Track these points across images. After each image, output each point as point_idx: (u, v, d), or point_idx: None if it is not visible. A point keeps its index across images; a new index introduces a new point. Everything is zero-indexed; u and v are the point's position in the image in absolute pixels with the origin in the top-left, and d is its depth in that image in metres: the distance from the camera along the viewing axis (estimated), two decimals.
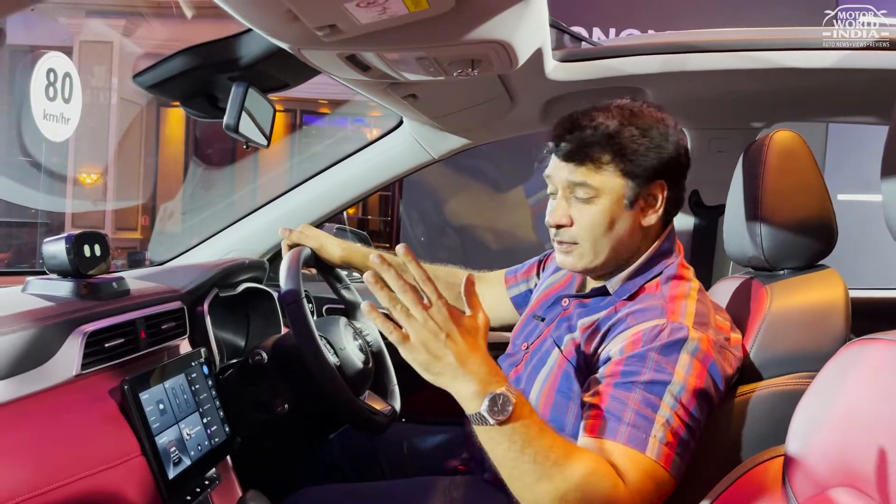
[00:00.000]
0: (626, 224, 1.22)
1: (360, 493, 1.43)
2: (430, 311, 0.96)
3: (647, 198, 1.22)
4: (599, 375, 1.13)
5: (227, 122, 1.24)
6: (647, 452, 1.02)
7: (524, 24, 1.12)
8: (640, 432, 1.04)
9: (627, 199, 1.20)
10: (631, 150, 1.18)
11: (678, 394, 1.06)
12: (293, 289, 1.37)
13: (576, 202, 1.21)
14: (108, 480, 1.04)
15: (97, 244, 1.23)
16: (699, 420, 1.09)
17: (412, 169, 1.99)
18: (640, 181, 1.20)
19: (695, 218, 1.97)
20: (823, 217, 1.31)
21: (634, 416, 1.05)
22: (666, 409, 1.05)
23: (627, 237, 1.23)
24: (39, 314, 1.08)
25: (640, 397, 1.06)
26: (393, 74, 1.27)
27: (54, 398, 1.04)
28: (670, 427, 1.04)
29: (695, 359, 1.09)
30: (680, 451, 1.05)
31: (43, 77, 5.69)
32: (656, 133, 1.20)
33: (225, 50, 1.22)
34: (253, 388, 1.45)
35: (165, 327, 1.34)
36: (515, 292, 1.65)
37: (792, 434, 0.96)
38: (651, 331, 1.12)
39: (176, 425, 1.22)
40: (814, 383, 0.96)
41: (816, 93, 1.65)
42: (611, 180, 1.19)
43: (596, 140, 1.18)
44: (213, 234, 2.01)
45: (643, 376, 1.07)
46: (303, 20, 0.94)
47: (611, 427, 1.05)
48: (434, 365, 0.95)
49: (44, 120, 5.73)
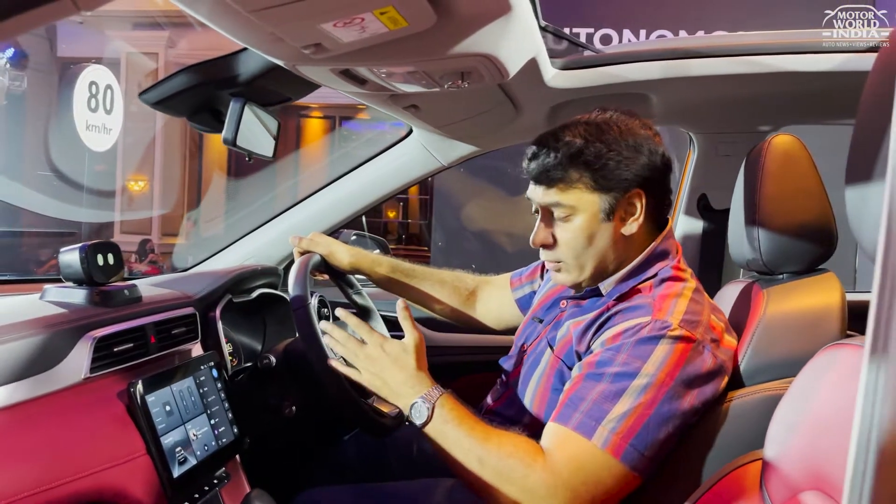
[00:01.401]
0: (606, 236, 1.24)
1: (365, 494, 1.46)
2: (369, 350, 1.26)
3: (627, 207, 1.24)
4: (577, 366, 1.17)
5: (225, 136, 1.30)
6: (594, 440, 1.05)
7: (509, 36, 1.15)
8: (591, 420, 1.07)
9: (604, 212, 1.22)
10: (599, 166, 1.20)
11: (644, 387, 1.08)
12: (300, 295, 1.41)
13: (556, 221, 1.25)
14: (113, 478, 1.10)
15: (110, 254, 1.29)
16: (670, 416, 1.09)
17: (423, 176, 2.03)
18: (614, 193, 1.22)
19: (703, 221, 1.97)
20: (822, 221, 1.30)
21: (590, 406, 1.08)
22: (626, 401, 1.07)
23: (610, 248, 1.25)
24: (51, 321, 1.14)
25: (603, 388, 1.09)
26: (388, 86, 1.31)
27: (64, 400, 1.10)
28: (627, 418, 1.06)
29: (671, 355, 1.10)
30: (636, 443, 1.06)
31: (85, 89, 5.90)
32: (624, 145, 1.22)
33: (225, 67, 1.28)
34: (262, 390, 1.50)
35: (176, 332, 1.39)
36: (520, 294, 1.68)
37: (769, 438, 0.97)
38: (634, 327, 1.14)
39: (182, 426, 1.27)
40: (791, 388, 0.97)
41: (822, 95, 1.64)
42: (583, 197, 1.22)
43: (560, 161, 1.21)
44: (232, 241, 2.08)
45: (612, 368, 1.10)
46: (287, 41, 0.99)
47: (566, 413, 1.10)
48: (380, 389, 1.25)
49: (86, 130, 5.94)
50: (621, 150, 1.21)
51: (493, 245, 5.22)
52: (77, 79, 5.66)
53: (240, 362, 1.80)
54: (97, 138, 5.92)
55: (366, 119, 11.94)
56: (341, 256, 1.63)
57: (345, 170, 2.05)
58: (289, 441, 1.62)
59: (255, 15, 0.88)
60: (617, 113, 1.27)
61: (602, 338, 1.17)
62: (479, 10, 1.03)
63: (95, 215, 9.14)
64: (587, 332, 1.22)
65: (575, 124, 1.25)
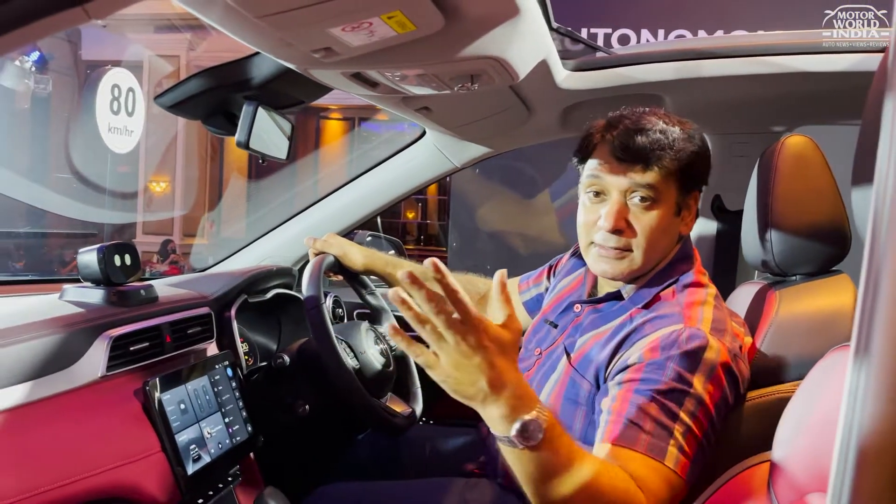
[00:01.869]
0: (672, 232, 1.24)
1: (377, 492, 1.48)
2: (463, 333, 0.85)
3: (687, 206, 1.24)
4: (618, 382, 1.13)
5: (238, 139, 1.32)
6: (666, 461, 1.02)
7: (518, 39, 1.16)
8: (660, 441, 1.03)
9: (678, 207, 1.22)
10: (686, 157, 1.19)
11: (697, 402, 1.06)
12: (313, 295, 1.43)
13: (632, 207, 1.20)
14: (129, 474, 1.12)
15: (127, 254, 1.32)
16: (716, 427, 1.09)
17: (436, 177, 2.05)
18: (686, 189, 1.22)
19: (717, 223, 1.96)
20: (836, 222, 1.29)
21: (654, 426, 1.04)
22: (685, 418, 1.05)
23: (669, 246, 1.25)
24: (69, 320, 1.17)
25: (659, 406, 1.05)
26: (399, 89, 1.32)
27: (81, 398, 1.13)
28: (688, 436, 1.04)
29: (713, 367, 1.09)
30: (695, 458, 1.05)
31: (108, 92, 5.99)
32: (698, 140, 1.23)
33: (239, 71, 1.30)
34: (276, 389, 1.52)
35: (192, 332, 1.42)
36: (527, 297, 1.68)
37: (777, 440, 0.97)
38: (669, 336, 1.11)
39: (196, 424, 1.30)
40: (799, 389, 0.97)
41: (837, 95, 1.63)
42: (669, 186, 1.20)
43: (666, 144, 1.17)
44: (249, 242, 2.11)
45: (662, 384, 1.07)
46: (296, 45, 1.00)
47: (630, 435, 1.04)
48: (464, 388, 0.87)
49: (109, 133, 6.03)
50: (703, 148, 1.22)
51: (508, 246, 5.21)
52: (100, 82, 5.76)
53: (255, 362, 1.83)
54: (119, 140, 6.02)
55: (384, 120, 11.99)
56: (355, 258, 1.65)
57: (364, 170, 2.07)
58: (302, 439, 1.64)
59: (263, 20, 0.90)
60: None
61: (637, 350, 1.13)
62: (487, 13, 1.04)
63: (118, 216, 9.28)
64: (612, 341, 1.19)
65: (657, 113, 1.23)
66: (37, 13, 0.57)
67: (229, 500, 1.39)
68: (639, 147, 1.17)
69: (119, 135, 5.99)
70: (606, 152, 1.21)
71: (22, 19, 0.57)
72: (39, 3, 0.55)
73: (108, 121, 5.82)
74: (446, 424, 1.94)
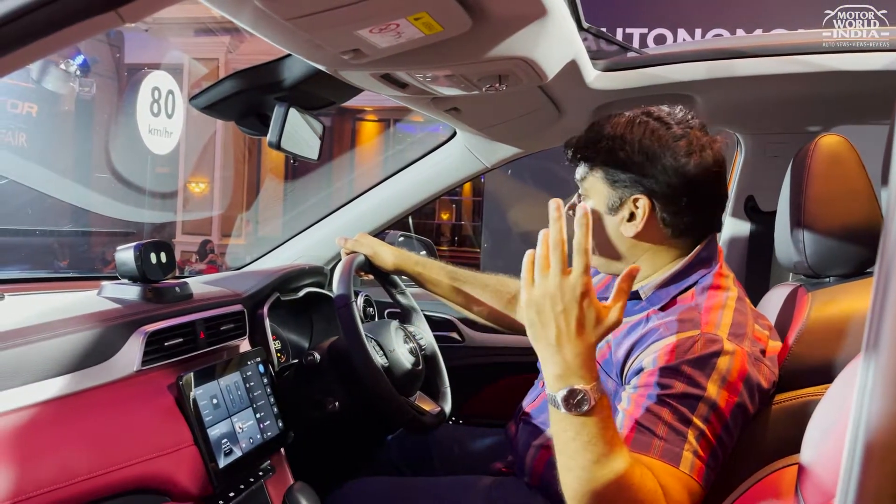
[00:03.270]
0: (608, 228, 1.27)
1: (405, 488, 1.49)
2: (565, 280, 0.95)
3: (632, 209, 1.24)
4: (632, 386, 1.13)
5: (270, 139, 1.35)
6: (681, 467, 1.02)
7: (546, 39, 1.16)
8: (674, 447, 1.03)
9: (608, 207, 1.25)
10: (612, 161, 1.23)
11: (711, 407, 1.05)
12: (344, 293, 1.45)
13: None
14: (161, 466, 1.15)
15: (163, 252, 1.35)
16: (732, 432, 1.08)
17: (467, 177, 2.05)
18: (619, 192, 1.24)
19: (751, 224, 1.93)
20: (870, 223, 1.27)
21: (668, 431, 1.04)
22: (699, 423, 1.04)
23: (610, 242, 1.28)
24: (106, 315, 1.20)
25: (673, 411, 1.05)
26: (429, 90, 1.33)
27: (117, 391, 1.16)
28: (702, 441, 1.04)
29: (728, 372, 1.08)
30: (711, 463, 1.04)
31: (148, 95, 6.12)
32: (638, 149, 1.21)
33: (270, 72, 1.32)
34: (307, 386, 1.54)
35: (225, 328, 1.45)
36: None
37: (805, 442, 0.95)
38: (685, 342, 1.10)
39: (228, 419, 1.32)
40: (829, 390, 0.95)
41: (876, 95, 1.59)
42: (596, 185, 1.26)
43: (585, 143, 1.26)
44: (282, 241, 2.14)
45: (676, 389, 1.06)
46: (325, 48, 1.02)
47: (644, 441, 1.04)
48: (536, 329, 0.97)
49: (149, 134, 6.16)
50: (633, 153, 1.21)
51: None
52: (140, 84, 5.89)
53: (288, 359, 1.85)
54: (159, 142, 6.15)
55: (419, 122, 12.05)
56: (385, 258, 1.67)
57: (398, 169, 2.09)
58: (332, 436, 1.66)
59: (292, 23, 0.91)
60: (665, 112, 1.25)
61: (650, 354, 1.13)
62: (515, 13, 1.04)
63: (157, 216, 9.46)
64: (626, 341, 1.20)
65: (619, 115, 1.27)
66: (71, 17, 0.59)
67: (260, 495, 1.41)
68: (572, 144, 1.29)
69: (159, 136, 6.12)
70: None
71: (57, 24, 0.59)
72: (74, 7, 0.57)
73: (148, 123, 5.95)
74: (475, 424, 1.95)
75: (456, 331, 2.24)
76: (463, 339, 2.23)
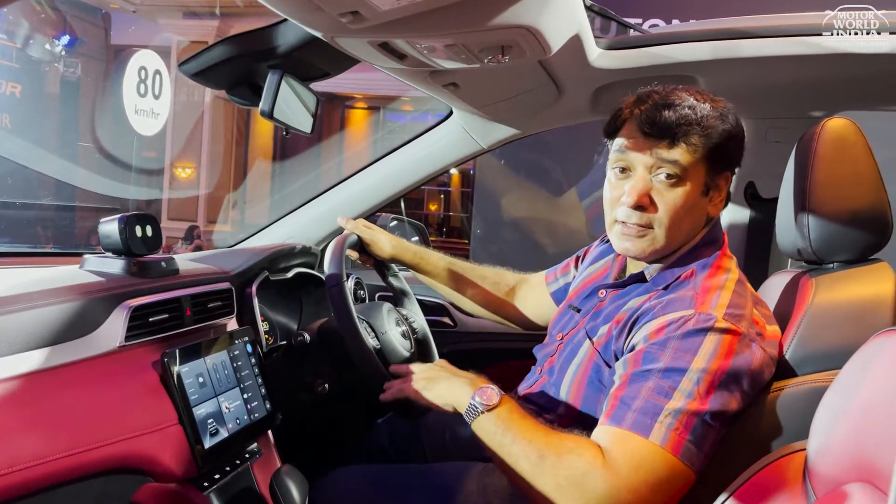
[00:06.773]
0: (698, 213, 1.21)
1: (394, 474, 1.46)
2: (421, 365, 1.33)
3: (716, 187, 1.21)
4: (622, 364, 1.13)
5: (262, 108, 1.30)
6: (651, 437, 1.01)
7: (552, 8, 1.12)
8: (647, 418, 1.02)
9: (705, 186, 1.19)
10: (716, 135, 1.16)
11: (696, 382, 1.04)
12: (335, 273, 1.41)
13: (657, 184, 1.18)
14: (144, 446, 1.11)
15: (149, 226, 1.30)
16: (722, 411, 1.05)
17: (462, 159, 2.01)
18: (715, 168, 1.19)
19: (751, 210, 1.90)
20: (876, 209, 1.24)
21: (643, 403, 1.04)
22: (679, 397, 1.03)
23: (695, 226, 1.22)
24: (88, 288, 1.15)
25: (653, 384, 1.05)
26: (428, 62, 1.29)
27: (98, 366, 1.11)
28: (682, 414, 1.02)
29: (719, 347, 1.06)
30: (693, 439, 1.02)
31: (135, 74, 6.01)
32: (731, 119, 1.19)
33: (263, 39, 1.27)
34: (295, 368, 1.50)
35: (212, 306, 1.40)
36: (554, 288, 1.66)
37: (814, 429, 0.93)
38: (678, 320, 1.09)
39: (215, 398, 1.28)
40: (838, 377, 0.93)
41: (881, 79, 1.56)
42: (696, 164, 1.17)
43: (694, 120, 1.15)
44: (273, 221, 2.09)
45: (660, 363, 1.06)
46: (324, 8, 0.97)
47: (619, 414, 1.05)
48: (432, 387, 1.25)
49: (135, 115, 6.06)
50: (736, 127, 1.19)
51: (530, 238, 5.22)
52: (127, 63, 5.78)
53: (276, 341, 1.81)
54: (145, 122, 6.04)
55: (409, 110, 11.98)
56: (384, 245, 1.64)
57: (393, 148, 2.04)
58: (321, 419, 1.62)
59: None
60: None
61: (644, 332, 1.12)
62: None
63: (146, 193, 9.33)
64: (627, 322, 1.18)
65: (689, 90, 1.20)
66: None
67: (246, 477, 1.37)
68: (665, 122, 1.15)
69: (145, 117, 6.01)
70: (633, 128, 1.19)
71: None
72: None
73: (134, 103, 5.85)
74: None
75: (448, 316, 2.21)
76: (455, 324, 2.20)
